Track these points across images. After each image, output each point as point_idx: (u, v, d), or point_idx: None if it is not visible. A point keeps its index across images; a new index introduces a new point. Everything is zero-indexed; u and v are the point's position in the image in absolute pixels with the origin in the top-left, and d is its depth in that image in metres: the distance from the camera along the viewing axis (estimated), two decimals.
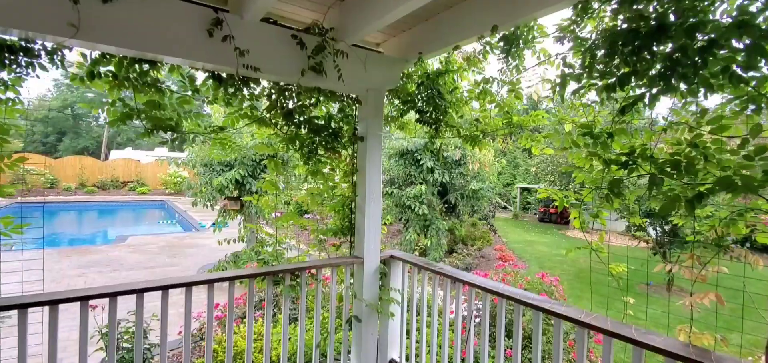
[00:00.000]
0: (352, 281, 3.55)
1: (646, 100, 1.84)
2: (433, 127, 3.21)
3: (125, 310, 3.38)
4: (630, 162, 1.96)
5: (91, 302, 2.42)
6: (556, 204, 2.34)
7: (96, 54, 2.41)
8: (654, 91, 1.80)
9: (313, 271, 3.27)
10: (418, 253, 9.91)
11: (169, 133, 2.57)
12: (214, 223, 8.37)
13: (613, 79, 1.87)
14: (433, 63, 3.51)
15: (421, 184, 9.86)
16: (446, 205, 10.84)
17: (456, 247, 11.31)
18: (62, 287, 7.72)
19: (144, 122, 2.54)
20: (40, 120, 38.81)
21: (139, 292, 2.50)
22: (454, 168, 10.02)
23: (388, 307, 3.55)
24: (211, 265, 9.00)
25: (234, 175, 7.63)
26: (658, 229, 10.93)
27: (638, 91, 1.90)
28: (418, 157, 10.19)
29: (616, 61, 1.95)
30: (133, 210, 22.45)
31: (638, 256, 15.73)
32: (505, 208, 26.58)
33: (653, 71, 1.81)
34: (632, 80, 1.84)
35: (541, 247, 16.89)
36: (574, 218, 2.21)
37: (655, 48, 1.80)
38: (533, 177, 23.96)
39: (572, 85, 2.29)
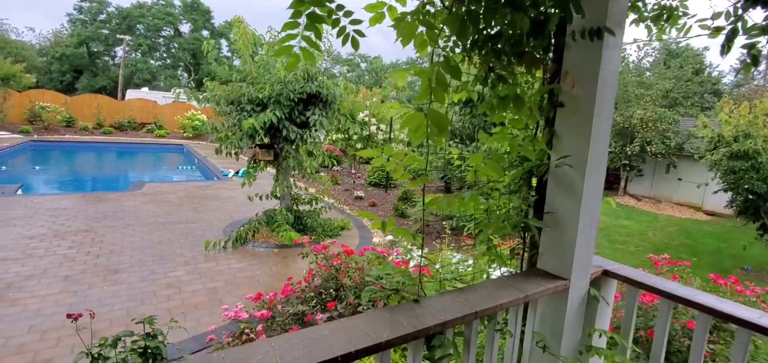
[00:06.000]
0: (539, 318, 1.84)
1: None
2: None
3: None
4: None
5: None
6: None
7: None
8: None
9: (482, 319, 1.56)
10: None
11: None
12: (242, 172, 6.79)
13: None
14: None
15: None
16: None
17: None
18: (58, 257, 6.37)
19: None
20: (56, 58, 37.34)
21: None
22: None
23: None
24: (241, 224, 7.53)
25: (269, 116, 5.88)
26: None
27: None
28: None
29: None
30: (152, 153, 21.27)
31: (710, 231, 13.79)
32: None
33: None
34: None
35: None
36: None
37: None
38: None
39: None
